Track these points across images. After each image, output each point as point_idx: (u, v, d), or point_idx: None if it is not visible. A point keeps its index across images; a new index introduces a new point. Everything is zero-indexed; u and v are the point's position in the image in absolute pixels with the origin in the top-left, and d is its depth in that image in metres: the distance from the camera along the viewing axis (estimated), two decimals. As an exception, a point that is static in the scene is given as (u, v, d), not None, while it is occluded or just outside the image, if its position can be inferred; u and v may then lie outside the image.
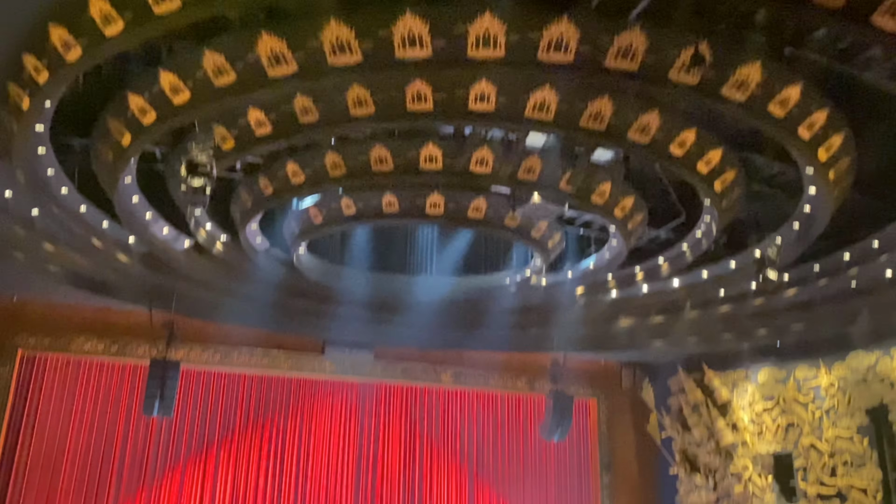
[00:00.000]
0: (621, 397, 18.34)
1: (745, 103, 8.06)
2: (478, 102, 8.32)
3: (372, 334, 16.16)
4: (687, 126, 9.06)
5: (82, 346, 15.01)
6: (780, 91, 7.98)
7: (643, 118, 8.74)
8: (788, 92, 8.03)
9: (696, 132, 9.12)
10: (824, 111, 8.41)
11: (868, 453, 13.86)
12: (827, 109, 8.41)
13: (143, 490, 15.22)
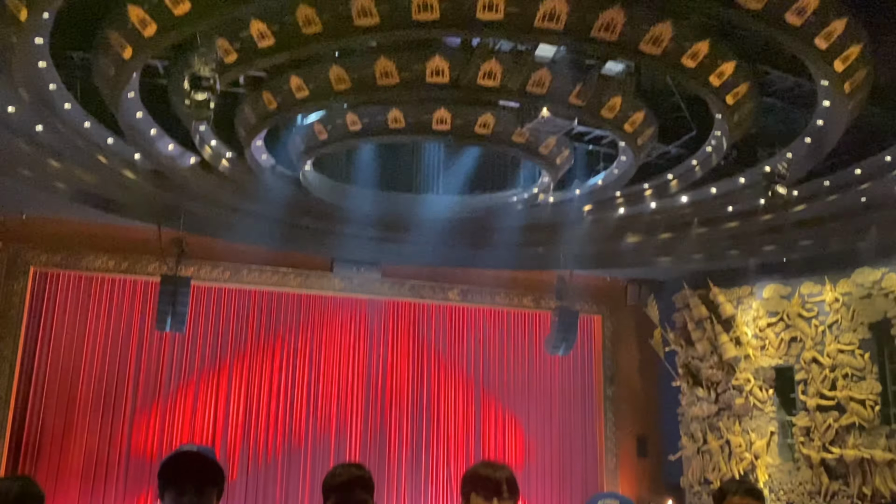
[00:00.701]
0: (626, 313, 18.57)
1: (760, 12, 7.84)
2: (486, 11, 8.10)
3: (379, 252, 16.27)
4: (700, 37, 8.85)
5: (93, 263, 15.15)
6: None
7: (656, 29, 8.51)
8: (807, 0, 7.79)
9: (709, 43, 8.90)
10: (843, 20, 8.18)
11: (869, 367, 14.10)
12: (846, 18, 8.17)
13: (159, 403, 15.66)
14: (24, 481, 2.24)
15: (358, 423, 17.14)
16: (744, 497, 2.87)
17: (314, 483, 16.20)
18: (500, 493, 2.67)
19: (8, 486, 2.20)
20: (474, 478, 2.75)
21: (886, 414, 13.93)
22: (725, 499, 2.90)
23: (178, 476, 2.44)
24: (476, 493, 2.71)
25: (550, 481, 18.22)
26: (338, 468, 2.57)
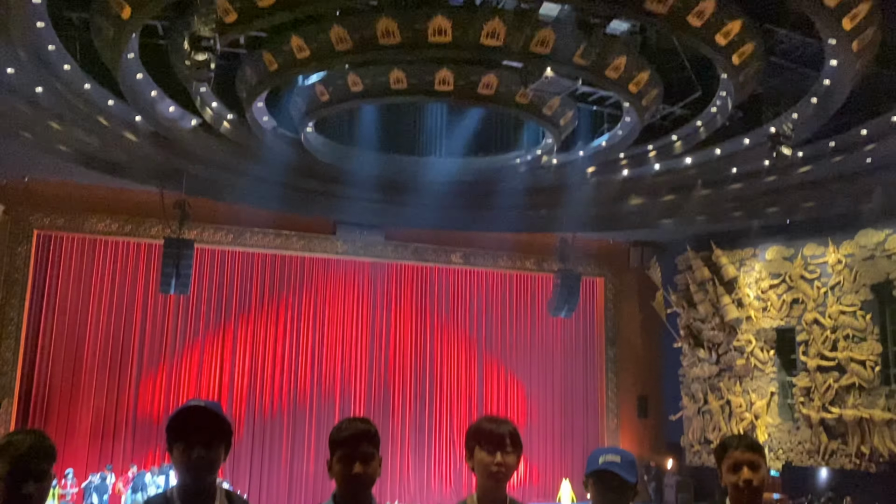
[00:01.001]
0: (628, 276, 18.61)
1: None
2: (489, -31, 7.97)
3: (382, 215, 16.24)
4: (707, -6, 8.70)
5: (96, 225, 15.18)
6: (807, -46, 7.61)
7: (661, -14, 8.38)
8: (816, -44, 7.66)
9: (715, 2, 8.76)
10: (852, -23, 8.04)
11: (870, 328, 14.15)
12: (855, -25, 8.03)
13: (164, 364, 15.82)
14: (37, 434, 2.27)
15: (362, 383, 17.32)
16: (745, 451, 2.90)
17: (319, 441, 16.43)
18: (504, 446, 2.70)
19: (20, 438, 2.23)
20: (478, 432, 2.78)
21: (886, 374, 14.02)
22: (726, 453, 2.92)
23: (186, 430, 2.46)
24: (480, 446, 2.74)
25: (552, 441, 18.46)
26: (343, 423, 2.59)
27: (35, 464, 2.19)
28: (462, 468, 17.39)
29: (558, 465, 18.07)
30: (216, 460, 2.47)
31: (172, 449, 2.46)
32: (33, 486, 2.17)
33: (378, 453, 2.56)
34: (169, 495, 2.50)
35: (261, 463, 16.07)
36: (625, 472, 2.67)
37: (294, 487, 16.01)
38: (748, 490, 2.83)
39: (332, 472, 2.57)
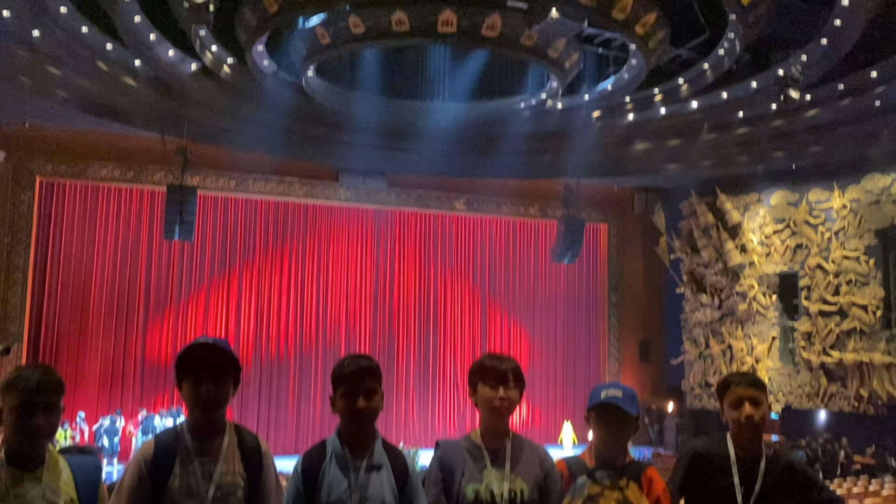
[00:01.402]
0: (632, 222, 18.59)
1: None
2: None
3: (385, 161, 16.15)
4: (717, -71, 8.47)
5: (98, 172, 15.13)
6: None
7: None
8: None
9: (726, -63, 8.54)
10: None
11: (873, 272, 14.18)
12: None
13: (171, 310, 15.97)
14: (45, 368, 2.30)
15: (366, 329, 17.49)
16: (747, 388, 2.94)
17: (325, 386, 16.59)
18: (507, 382, 2.75)
19: (29, 373, 2.26)
20: (481, 369, 2.82)
21: (887, 319, 14.10)
22: (729, 389, 2.96)
23: (195, 366, 2.49)
24: (483, 382, 2.79)
25: (554, 385, 18.73)
26: (346, 359, 2.63)
27: (44, 396, 2.23)
28: (465, 412, 17.69)
29: (560, 408, 18.36)
30: (225, 396, 2.50)
31: (182, 385, 2.50)
32: (43, 418, 2.21)
33: (380, 388, 2.60)
34: (179, 430, 2.54)
35: (268, 408, 16.35)
36: (626, 406, 2.71)
37: (301, 431, 16.30)
38: (749, 425, 2.87)
39: (335, 408, 2.61)
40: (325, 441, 2.66)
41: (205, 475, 2.44)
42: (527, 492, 2.69)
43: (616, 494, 2.62)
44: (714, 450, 2.97)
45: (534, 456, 2.80)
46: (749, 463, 2.90)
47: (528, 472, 2.73)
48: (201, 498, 2.41)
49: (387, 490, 2.55)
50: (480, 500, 2.68)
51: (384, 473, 2.58)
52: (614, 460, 2.74)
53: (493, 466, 2.74)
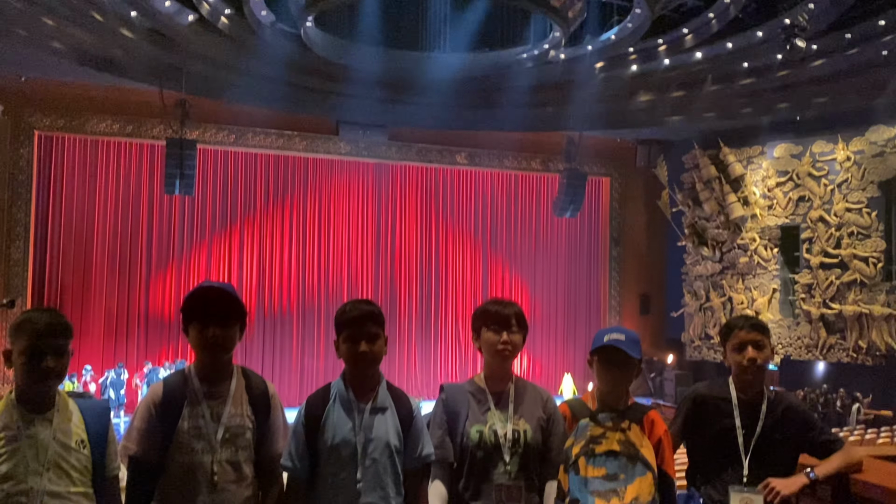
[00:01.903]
0: (634, 175, 18.50)
1: None
2: None
3: (385, 114, 15.98)
4: None
5: (97, 126, 15.02)
6: None
7: None
8: None
9: None
10: None
11: (875, 225, 14.17)
12: None
13: (173, 265, 16.03)
14: (53, 312, 2.32)
15: (368, 283, 17.56)
16: (749, 331, 2.96)
17: (328, 339, 16.82)
18: (510, 326, 2.78)
19: (38, 315, 2.28)
20: (485, 313, 2.84)
21: (888, 271, 14.14)
22: (732, 333, 2.98)
23: (201, 310, 2.51)
24: (486, 327, 2.82)
25: (555, 338, 18.87)
26: (348, 304, 2.65)
27: (53, 339, 2.25)
28: (467, 364, 17.86)
29: (560, 361, 18.54)
30: (231, 339, 2.53)
31: (188, 329, 2.52)
32: (52, 360, 2.23)
33: (383, 332, 2.64)
34: (187, 373, 2.58)
35: (272, 361, 16.50)
36: (629, 349, 2.73)
37: (305, 384, 16.47)
38: (752, 368, 2.90)
39: (339, 352, 2.64)
40: (329, 384, 2.70)
41: (213, 417, 2.48)
42: (530, 432, 2.73)
43: (618, 436, 2.65)
44: (716, 393, 3.01)
45: (536, 398, 2.84)
46: (750, 405, 2.94)
47: (531, 414, 2.77)
48: (210, 440, 2.45)
49: (391, 432, 2.59)
50: (484, 440, 2.73)
51: (389, 416, 2.62)
52: (616, 403, 2.77)
53: (497, 408, 2.79)
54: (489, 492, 2.70)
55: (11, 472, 2.17)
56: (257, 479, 2.57)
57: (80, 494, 2.26)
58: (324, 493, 2.53)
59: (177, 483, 2.44)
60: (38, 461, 2.20)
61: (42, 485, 2.19)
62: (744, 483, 2.85)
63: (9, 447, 2.19)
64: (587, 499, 2.53)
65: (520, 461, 2.71)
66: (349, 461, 2.52)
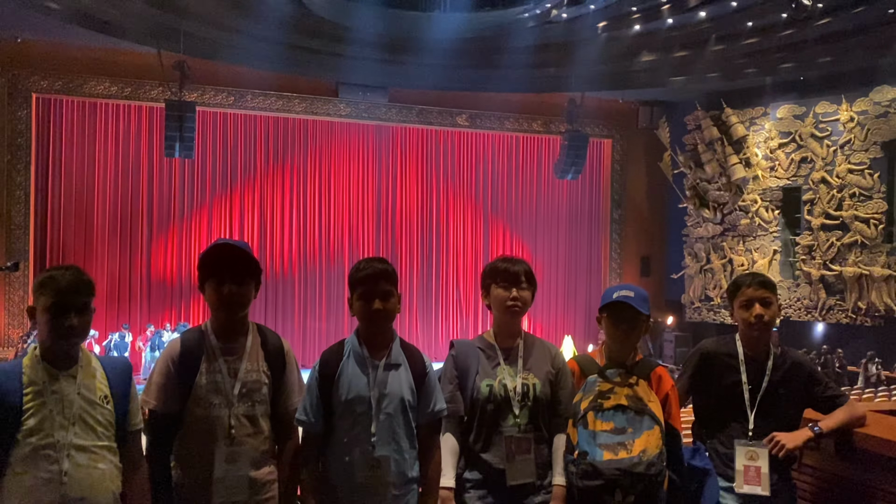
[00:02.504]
0: (636, 137, 18.40)
1: None
2: None
3: (385, 75, 15.83)
4: None
5: (95, 88, 14.87)
6: None
7: None
8: None
9: None
10: None
11: (877, 186, 14.15)
12: None
13: (174, 228, 16.04)
14: (76, 270, 2.35)
15: (369, 245, 17.59)
16: (757, 288, 2.98)
17: (330, 302, 16.95)
18: (519, 282, 2.82)
19: (61, 273, 2.31)
20: (494, 270, 2.88)
21: (889, 232, 14.16)
22: (739, 290, 3.01)
23: (217, 266, 2.54)
24: (496, 284, 2.85)
25: (555, 300, 18.96)
26: (362, 262, 2.67)
27: (76, 297, 2.29)
28: (468, 327, 17.97)
29: (561, 323, 18.65)
30: (247, 296, 2.57)
31: (204, 286, 2.55)
32: (76, 318, 2.26)
33: (397, 290, 2.66)
34: (204, 329, 2.61)
35: (273, 323, 16.56)
36: (638, 305, 2.76)
37: (307, 346, 16.60)
38: (759, 325, 2.93)
39: (353, 310, 2.67)
40: (343, 341, 2.73)
41: (230, 373, 2.53)
42: (539, 386, 2.78)
43: (626, 391, 2.69)
44: (722, 349, 3.05)
45: (545, 353, 2.89)
46: (756, 361, 2.98)
47: (540, 368, 2.82)
48: (227, 394, 2.50)
49: (405, 387, 2.64)
50: (494, 394, 2.78)
51: (402, 372, 2.66)
52: (625, 359, 2.81)
53: (506, 363, 2.84)
54: (499, 444, 2.76)
55: (39, 426, 2.22)
56: (274, 433, 2.62)
57: (105, 448, 2.32)
58: (339, 446, 2.58)
59: (195, 436, 2.50)
60: (63, 416, 2.26)
61: (68, 438, 2.24)
62: (749, 437, 2.90)
63: (35, 402, 2.24)
64: (595, 452, 2.58)
65: (529, 414, 2.77)
66: (363, 416, 2.57)
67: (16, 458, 2.20)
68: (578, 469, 2.60)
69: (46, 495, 2.19)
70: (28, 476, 2.18)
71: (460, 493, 2.79)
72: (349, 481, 2.55)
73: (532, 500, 2.75)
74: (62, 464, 2.21)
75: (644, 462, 2.54)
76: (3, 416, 2.20)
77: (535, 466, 2.73)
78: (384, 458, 2.54)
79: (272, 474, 2.58)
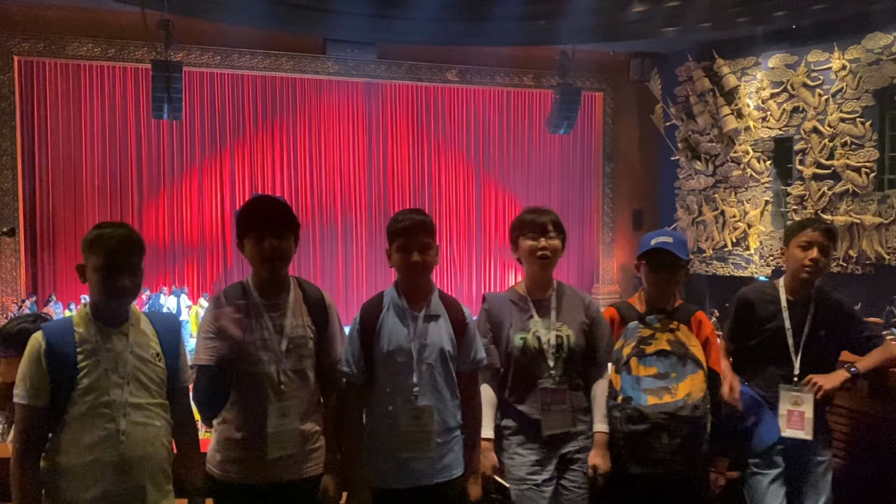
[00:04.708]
0: (628, 89, 18.29)
1: None
2: None
3: (373, 31, 15.54)
4: None
5: (78, 50, 14.55)
6: None
7: None
8: None
9: None
10: None
11: (868, 134, 14.17)
12: None
13: (165, 190, 15.90)
14: (126, 228, 2.34)
15: (362, 204, 17.54)
16: (822, 234, 2.98)
17: (324, 263, 16.95)
18: (547, 232, 2.83)
19: (110, 232, 2.29)
20: (521, 223, 2.88)
21: (880, 180, 14.23)
22: (803, 230, 3.00)
23: (256, 221, 2.52)
24: (524, 236, 2.87)
25: (549, 256, 19.00)
26: (400, 214, 2.67)
27: (126, 257, 2.27)
28: (462, 287, 18.02)
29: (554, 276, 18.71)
30: (288, 251, 2.56)
31: (243, 243, 2.53)
32: (127, 278, 2.24)
33: (435, 242, 2.65)
34: (246, 284, 2.60)
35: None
36: (677, 251, 2.77)
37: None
38: (812, 269, 2.95)
39: (391, 261, 2.67)
40: (382, 293, 2.74)
41: (276, 329, 2.53)
42: (573, 337, 2.80)
43: (667, 336, 2.73)
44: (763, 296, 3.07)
45: (578, 303, 2.90)
46: (798, 306, 3.01)
47: (574, 319, 2.84)
48: (275, 350, 2.50)
49: (445, 338, 2.65)
50: (528, 347, 2.80)
51: (442, 322, 2.67)
52: (664, 305, 2.83)
53: (539, 316, 2.85)
54: (534, 395, 2.78)
55: (94, 385, 2.23)
56: (318, 383, 2.64)
57: (158, 405, 2.34)
58: (382, 396, 2.61)
59: (246, 392, 2.51)
60: (118, 374, 2.27)
61: (124, 397, 2.26)
62: (794, 383, 2.94)
63: (89, 360, 2.25)
64: (640, 396, 2.62)
65: (563, 365, 2.80)
66: (405, 366, 2.59)
67: (73, 417, 2.21)
68: (623, 414, 2.65)
69: (106, 453, 2.21)
70: (86, 434, 2.21)
71: (499, 440, 2.83)
72: (393, 430, 2.59)
73: (569, 446, 2.79)
74: (119, 422, 2.22)
75: (689, 405, 2.58)
76: (59, 374, 2.21)
77: (570, 416, 2.77)
78: (426, 407, 2.57)
79: (319, 425, 2.62)
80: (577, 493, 2.74)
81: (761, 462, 2.94)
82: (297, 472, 2.51)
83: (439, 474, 2.61)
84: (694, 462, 2.68)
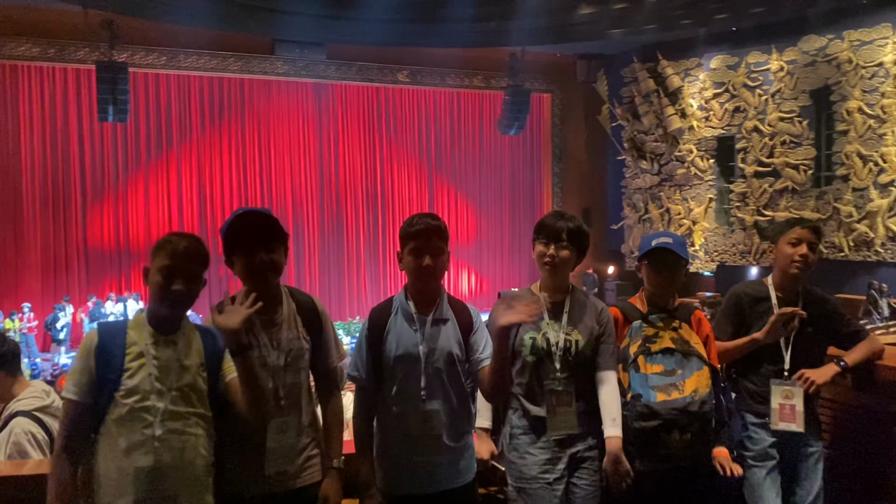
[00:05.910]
0: (575, 90, 18.59)
1: None
2: None
3: (322, 30, 15.41)
4: None
5: (15, 50, 14.03)
6: None
7: None
8: None
9: None
10: None
11: (806, 133, 14.73)
12: None
13: (110, 194, 15.47)
14: (194, 238, 2.32)
15: (314, 206, 17.38)
16: (811, 232, 3.10)
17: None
18: (559, 240, 2.83)
19: (178, 239, 2.30)
20: (540, 226, 2.91)
21: (818, 177, 14.81)
22: (792, 228, 3.12)
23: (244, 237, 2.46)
24: (538, 239, 2.89)
25: (501, 255, 19.22)
26: (414, 217, 2.68)
27: (187, 263, 2.28)
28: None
29: (507, 277, 18.95)
30: (279, 263, 2.52)
31: (232, 260, 2.49)
32: (183, 284, 2.25)
33: (447, 248, 2.65)
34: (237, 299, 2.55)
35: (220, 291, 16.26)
36: (678, 250, 2.86)
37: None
38: (801, 265, 3.06)
39: (402, 264, 2.67)
40: (391, 298, 2.74)
41: (273, 345, 2.49)
42: (581, 343, 2.83)
43: (671, 334, 2.81)
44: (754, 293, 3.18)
45: (591, 311, 2.91)
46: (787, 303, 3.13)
47: (585, 325, 2.86)
48: (274, 367, 2.48)
49: (453, 342, 2.65)
50: (536, 347, 2.83)
51: (450, 326, 2.68)
52: (666, 304, 2.91)
53: (551, 318, 2.87)
54: (541, 395, 2.82)
55: (137, 388, 2.24)
56: (317, 391, 2.65)
57: (198, 415, 2.32)
58: (390, 400, 2.61)
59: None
60: (161, 381, 2.26)
61: (164, 404, 2.24)
62: (785, 377, 3.06)
63: (135, 363, 2.26)
64: (649, 393, 2.70)
65: (570, 369, 2.82)
66: (412, 370, 2.59)
67: (112, 419, 2.22)
68: (633, 411, 2.71)
69: (140, 459, 2.21)
70: (122, 438, 2.21)
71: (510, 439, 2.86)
72: (402, 434, 2.60)
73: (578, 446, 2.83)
74: (155, 429, 2.21)
75: (697, 401, 2.67)
76: (105, 372, 2.23)
77: (575, 418, 2.80)
78: (434, 411, 2.58)
79: (316, 438, 2.59)
80: (588, 492, 2.78)
81: (757, 455, 3.05)
82: (293, 483, 2.50)
83: (452, 480, 2.62)
84: (702, 456, 2.77)
